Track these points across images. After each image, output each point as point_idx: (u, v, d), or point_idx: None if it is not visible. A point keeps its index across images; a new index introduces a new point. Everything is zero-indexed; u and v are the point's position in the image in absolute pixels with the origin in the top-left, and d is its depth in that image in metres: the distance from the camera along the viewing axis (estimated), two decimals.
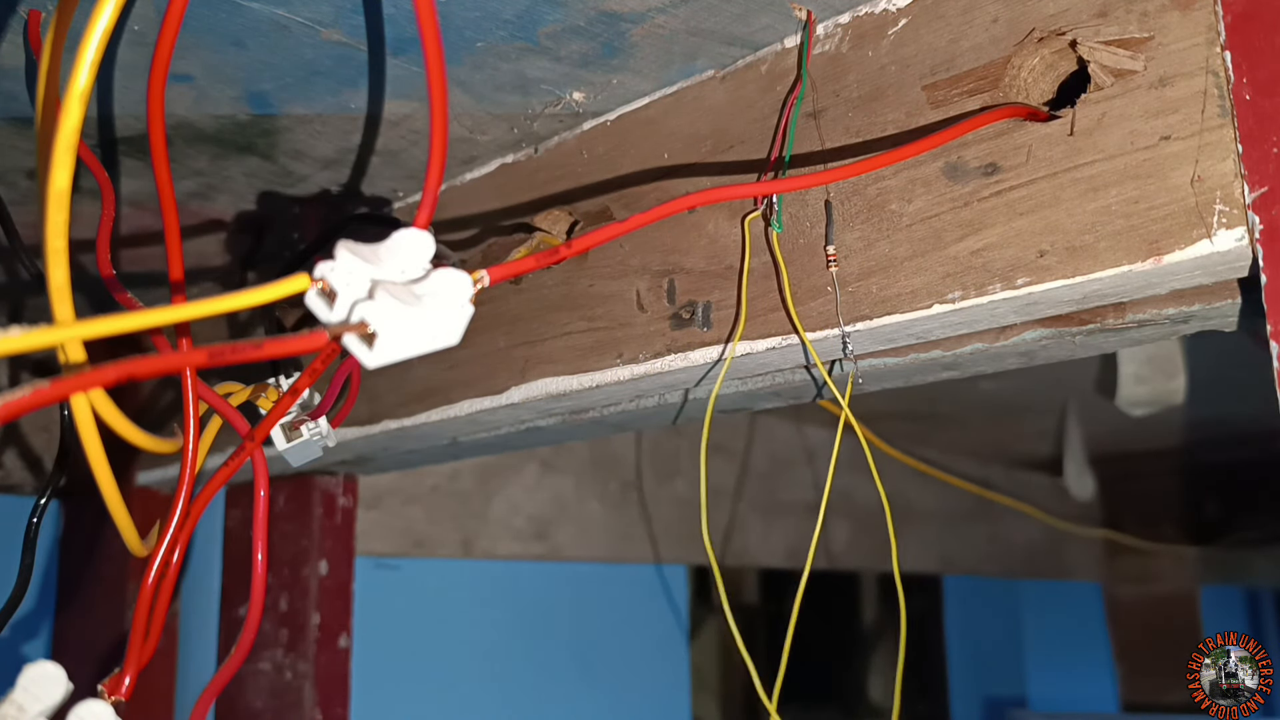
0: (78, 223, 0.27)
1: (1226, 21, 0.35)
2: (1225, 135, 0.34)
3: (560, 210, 0.54)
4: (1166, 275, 0.36)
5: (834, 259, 0.43)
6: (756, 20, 0.44)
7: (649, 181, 0.50)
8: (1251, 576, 2.09)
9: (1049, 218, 0.38)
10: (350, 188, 0.60)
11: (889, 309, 0.41)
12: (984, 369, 0.49)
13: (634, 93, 0.51)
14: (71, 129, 0.25)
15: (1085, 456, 1.51)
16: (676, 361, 0.48)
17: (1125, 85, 0.37)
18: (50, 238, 0.26)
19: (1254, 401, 0.47)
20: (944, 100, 0.41)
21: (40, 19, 0.41)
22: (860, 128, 0.43)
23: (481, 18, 0.43)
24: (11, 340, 0.21)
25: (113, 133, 0.51)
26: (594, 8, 0.43)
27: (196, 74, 0.46)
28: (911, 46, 0.42)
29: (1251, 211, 0.33)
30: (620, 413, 0.57)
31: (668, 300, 0.49)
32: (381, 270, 0.26)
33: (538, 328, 0.54)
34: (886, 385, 0.53)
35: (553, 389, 0.52)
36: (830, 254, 0.43)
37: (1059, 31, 0.38)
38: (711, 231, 0.47)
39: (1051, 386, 1.21)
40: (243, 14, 0.41)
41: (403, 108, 0.50)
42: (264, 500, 0.42)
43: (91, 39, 0.25)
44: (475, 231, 0.58)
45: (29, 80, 0.45)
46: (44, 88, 0.33)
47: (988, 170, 0.39)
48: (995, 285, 0.39)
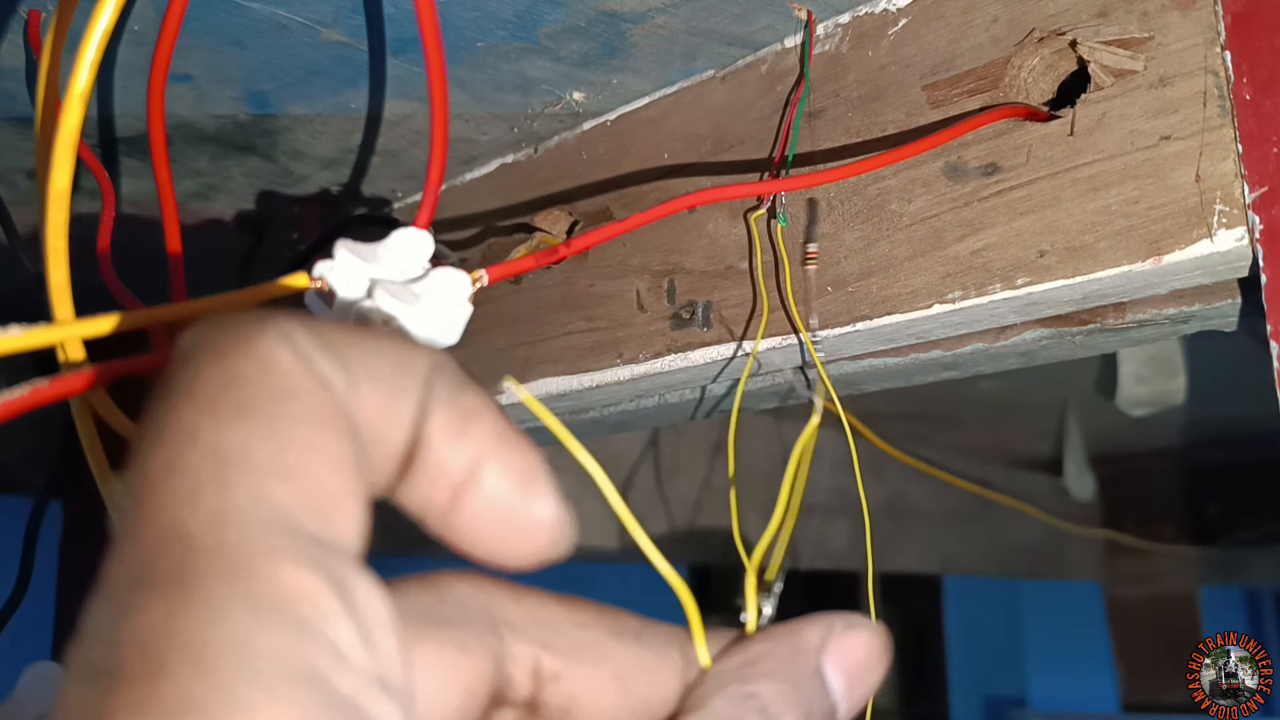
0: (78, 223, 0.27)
1: (1226, 22, 0.35)
2: (1225, 135, 0.34)
3: (560, 210, 0.54)
4: (1167, 275, 0.36)
5: (813, 257, 0.43)
6: (756, 20, 0.44)
7: (649, 181, 0.50)
8: (1251, 576, 2.10)
9: (1049, 218, 0.38)
10: (350, 188, 0.60)
11: (889, 309, 0.41)
12: (984, 369, 0.49)
13: (634, 93, 0.51)
14: (71, 129, 0.25)
15: (1085, 456, 1.51)
16: (676, 361, 0.48)
17: (1125, 85, 0.37)
18: (50, 238, 0.26)
19: (1254, 401, 0.47)
20: (944, 100, 0.41)
21: (40, 19, 0.41)
22: (860, 128, 0.43)
23: (481, 18, 0.43)
24: (11, 339, 0.21)
25: (113, 133, 0.51)
26: (594, 8, 0.42)
27: (196, 74, 0.46)
28: (911, 46, 0.42)
29: (1251, 211, 0.33)
30: (620, 413, 0.57)
31: (668, 300, 0.49)
32: (380, 269, 0.26)
33: (538, 327, 0.54)
34: (886, 385, 0.53)
35: (553, 389, 0.52)
36: (810, 252, 0.43)
37: (1059, 31, 0.38)
38: (711, 231, 0.47)
39: (1051, 386, 1.21)
40: (243, 14, 0.41)
41: (403, 108, 0.50)
42: None
43: (91, 39, 0.25)
44: (475, 231, 0.58)
45: (29, 80, 0.45)
46: (44, 88, 0.33)
47: (988, 170, 0.39)
48: (995, 285, 0.39)
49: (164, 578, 0.14)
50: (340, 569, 0.15)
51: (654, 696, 0.20)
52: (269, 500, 0.15)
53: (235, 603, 0.13)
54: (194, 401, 0.15)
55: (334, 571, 0.14)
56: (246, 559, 0.14)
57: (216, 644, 0.13)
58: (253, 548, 0.14)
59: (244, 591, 0.14)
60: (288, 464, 0.15)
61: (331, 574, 0.14)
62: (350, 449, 0.16)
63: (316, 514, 0.15)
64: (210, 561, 0.14)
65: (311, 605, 0.14)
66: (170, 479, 0.15)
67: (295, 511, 0.15)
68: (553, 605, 0.20)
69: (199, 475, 0.15)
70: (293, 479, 0.15)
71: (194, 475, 0.15)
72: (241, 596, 0.13)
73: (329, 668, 0.13)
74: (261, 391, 0.15)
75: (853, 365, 0.49)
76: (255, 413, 0.15)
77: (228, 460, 0.15)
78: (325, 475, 0.15)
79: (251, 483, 0.15)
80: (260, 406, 0.15)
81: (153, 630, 0.13)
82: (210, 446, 0.15)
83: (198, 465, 0.15)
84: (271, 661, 0.13)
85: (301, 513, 0.15)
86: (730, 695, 0.19)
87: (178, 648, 0.13)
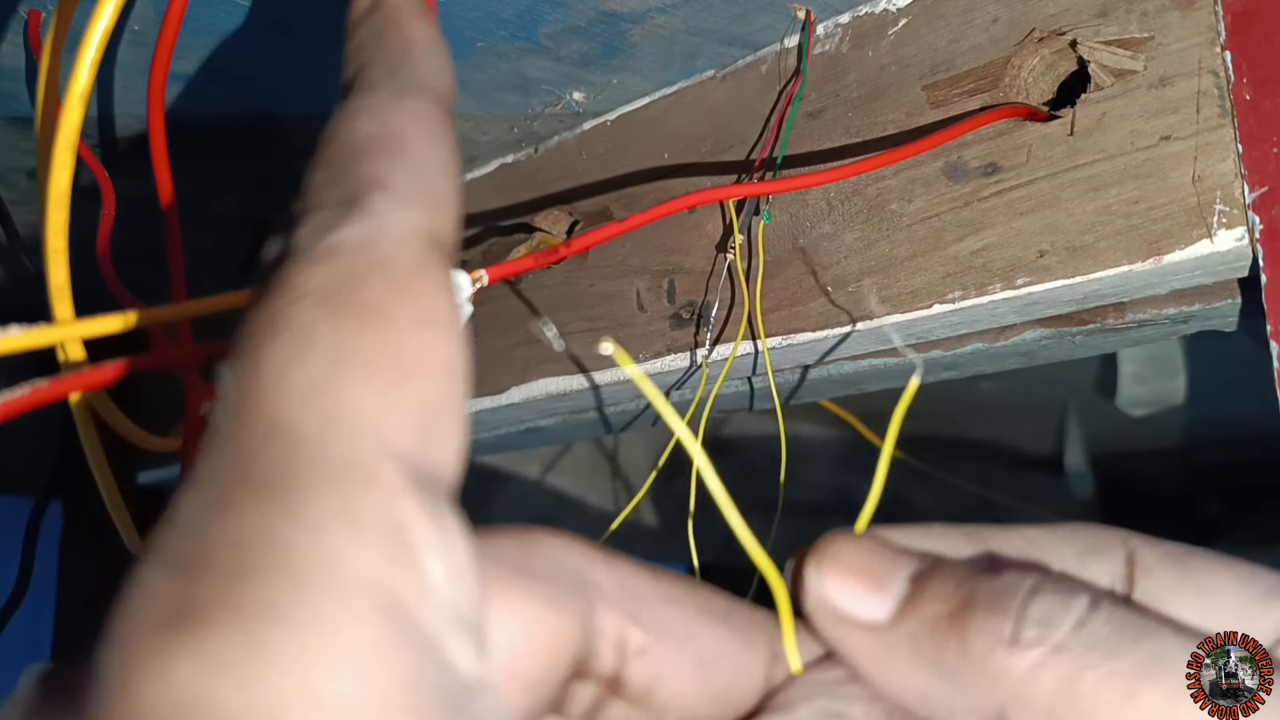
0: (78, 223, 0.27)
1: (1226, 22, 0.35)
2: (1225, 135, 0.34)
3: (560, 210, 0.54)
4: (1167, 275, 0.36)
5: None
6: (756, 20, 0.44)
7: (649, 181, 0.50)
8: None
9: (1049, 218, 0.38)
10: None
11: (889, 309, 0.41)
12: (984, 369, 0.49)
13: (634, 93, 0.51)
14: (71, 129, 0.25)
15: (1085, 456, 1.51)
16: (676, 361, 0.48)
17: (1125, 85, 0.37)
18: (50, 238, 0.26)
19: (1254, 401, 0.47)
20: (944, 100, 0.41)
21: (40, 19, 0.41)
22: (860, 128, 0.43)
23: (481, 18, 0.43)
24: (11, 339, 0.21)
25: (113, 133, 0.51)
26: (594, 8, 0.42)
27: (196, 74, 0.46)
28: (911, 46, 0.42)
29: (1251, 211, 0.33)
30: (620, 413, 0.57)
31: (668, 300, 0.49)
32: None
33: None
34: (886, 385, 0.53)
35: (553, 389, 0.53)
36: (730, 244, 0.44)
37: (1059, 31, 0.38)
38: (711, 231, 0.47)
39: (1051, 386, 1.21)
40: (243, 14, 0.41)
41: None
42: None
43: (91, 39, 0.25)
44: (475, 231, 0.58)
45: (29, 80, 0.45)
46: (44, 88, 0.33)
47: (988, 170, 0.39)
48: (995, 285, 0.39)
49: (265, 478, 0.13)
50: (438, 501, 0.14)
51: (735, 686, 0.19)
52: (380, 414, 0.14)
53: (334, 517, 0.13)
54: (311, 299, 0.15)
55: (432, 503, 0.14)
56: (352, 473, 0.14)
57: (312, 556, 0.13)
58: (359, 462, 0.14)
59: (344, 507, 0.13)
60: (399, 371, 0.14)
61: (430, 505, 0.14)
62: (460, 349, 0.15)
63: (423, 436, 0.15)
64: (315, 469, 0.13)
65: (409, 534, 0.14)
66: (285, 375, 0.14)
67: (403, 430, 0.14)
68: (643, 575, 0.19)
69: (314, 376, 0.14)
70: (403, 390, 0.14)
71: (309, 375, 0.14)
72: (341, 511, 0.13)
73: (414, 599, 0.13)
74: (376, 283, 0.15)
75: (852, 365, 0.49)
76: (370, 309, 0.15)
77: (344, 363, 0.14)
78: (436, 390, 0.15)
79: (362, 390, 0.14)
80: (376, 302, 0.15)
81: (248, 530, 0.13)
82: (328, 348, 0.14)
83: (314, 365, 0.14)
84: (363, 584, 0.13)
85: (409, 432, 0.14)
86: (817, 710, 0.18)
87: (271, 552, 0.13)
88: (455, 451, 0.15)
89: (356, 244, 0.16)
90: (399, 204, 0.16)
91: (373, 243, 0.16)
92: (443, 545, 0.14)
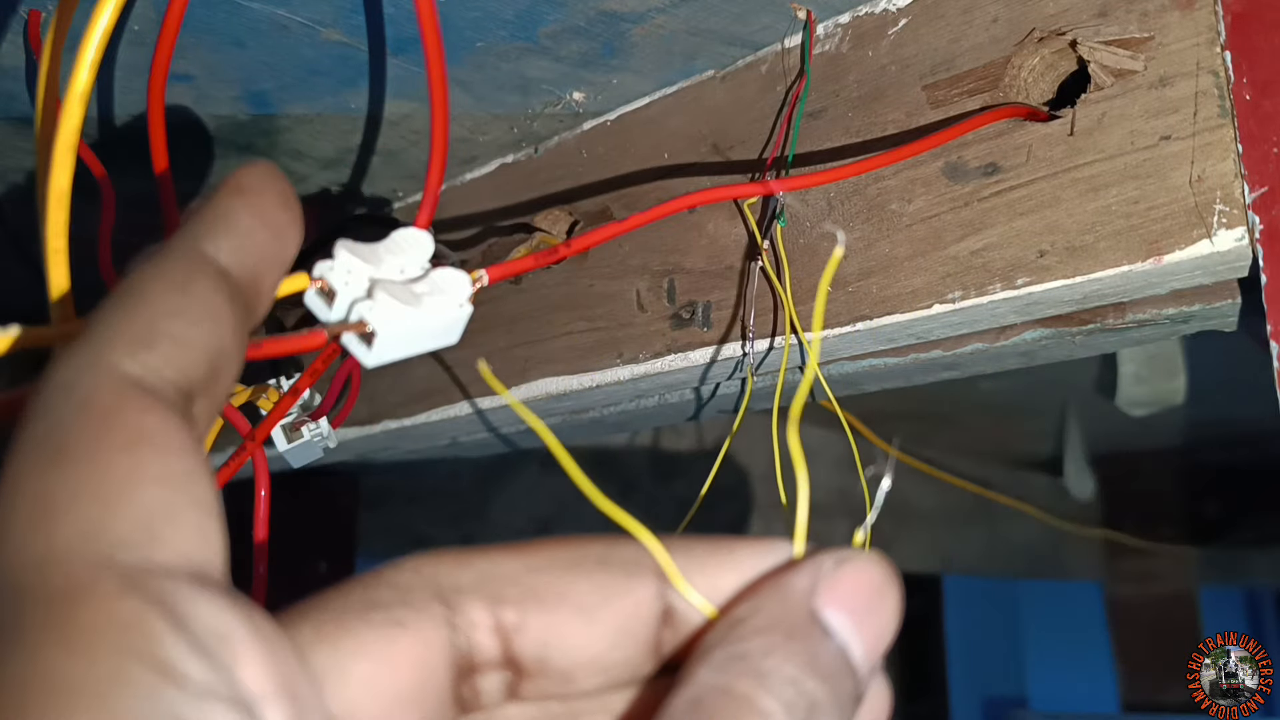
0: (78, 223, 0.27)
1: (1226, 21, 0.35)
2: (1225, 135, 0.34)
3: (560, 210, 0.54)
4: (1166, 275, 0.36)
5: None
6: (756, 20, 0.44)
7: (649, 181, 0.50)
8: (1251, 576, 2.09)
9: (1049, 218, 0.38)
10: (350, 188, 0.60)
11: (889, 309, 0.41)
12: (984, 369, 0.49)
13: (634, 93, 0.51)
14: (71, 129, 0.24)
15: (1085, 456, 1.51)
16: (677, 361, 0.48)
17: (1125, 85, 0.37)
18: (50, 238, 0.26)
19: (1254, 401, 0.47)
20: (944, 100, 0.41)
21: (40, 19, 0.41)
22: (860, 128, 0.43)
23: (482, 18, 0.43)
24: (11, 339, 0.21)
25: (113, 133, 0.51)
26: (594, 8, 0.42)
27: (196, 74, 0.46)
28: (911, 46, 0.42)
29: (1251, 211, 0.33)
30: (620, 413, 0.57)
31: (668, 300, 0.49)
32: (380, 269, 0.26)
33: (538, 328, 0.54)
34: (886, 385, 0.53)
35: (553, 389, 0.52)
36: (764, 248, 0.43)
37: (1059, 31, 0.38)
38: (711, 231, 0.47)
39: (1051, 386, 1.21)
40: (243, 14, 0.41)
41: (403, 108, 0.50)
42: (264, 500, 0.42)
43: (91, 39, 0.25)
44: (475, 231, 0.58)
45: (29, 80, 0.45)
46: (44, 88, 0.33)
47: (988, 170, 0.39)
48: (995, 285, 0.39)
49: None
50: (168, 589, 0.15)
51: (629, 616, 0.19)
52: (90, 535, 0.15)
53: (52, 644, 0.14)
54: (19, 448, 0.16)
55: (159, 593, 0.15)
56: (68, 599, 0.14)
57: (34, 683, 0.13)
58: (74, 587, 0.14)
59: (62, 632, 0.14)
60: (108, 494, 0.15)
61: (156, 596, 0.15)
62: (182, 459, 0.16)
63: (143, 539, 0.15)
64: (34, 608, 0.14)
65: (134, 631, 0.14)
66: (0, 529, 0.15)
67: (118, 541, 0.15)
68: (505, 558, 0.19)
69: (24, 522, 0.15)
70: (114, 509, 0.15)
71: (20, 523, 0.15)
72: (59, 638, 0.14)
73: (155, 686, 0.14)
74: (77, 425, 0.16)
75: (853, 365, 0.49)
76: (73, 449, 0.16)
77: (50, 503, 0.15)
78: (151, 497, 0.16)
79: (72, 521, 0.15)
80: (78, 441, 0.16)
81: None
82: (32, 492, 0.15)
83: (24, 512, 0.15)
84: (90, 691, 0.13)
85: (126, 541, 0.15)
86: (716, 663, 0.17)
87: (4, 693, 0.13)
88: (188, 537, 0.16)
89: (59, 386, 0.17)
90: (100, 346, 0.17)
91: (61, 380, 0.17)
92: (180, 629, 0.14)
